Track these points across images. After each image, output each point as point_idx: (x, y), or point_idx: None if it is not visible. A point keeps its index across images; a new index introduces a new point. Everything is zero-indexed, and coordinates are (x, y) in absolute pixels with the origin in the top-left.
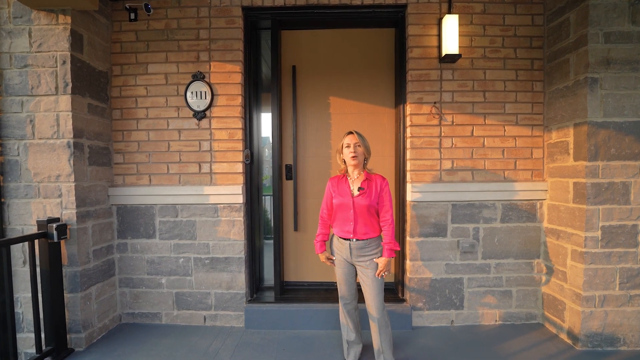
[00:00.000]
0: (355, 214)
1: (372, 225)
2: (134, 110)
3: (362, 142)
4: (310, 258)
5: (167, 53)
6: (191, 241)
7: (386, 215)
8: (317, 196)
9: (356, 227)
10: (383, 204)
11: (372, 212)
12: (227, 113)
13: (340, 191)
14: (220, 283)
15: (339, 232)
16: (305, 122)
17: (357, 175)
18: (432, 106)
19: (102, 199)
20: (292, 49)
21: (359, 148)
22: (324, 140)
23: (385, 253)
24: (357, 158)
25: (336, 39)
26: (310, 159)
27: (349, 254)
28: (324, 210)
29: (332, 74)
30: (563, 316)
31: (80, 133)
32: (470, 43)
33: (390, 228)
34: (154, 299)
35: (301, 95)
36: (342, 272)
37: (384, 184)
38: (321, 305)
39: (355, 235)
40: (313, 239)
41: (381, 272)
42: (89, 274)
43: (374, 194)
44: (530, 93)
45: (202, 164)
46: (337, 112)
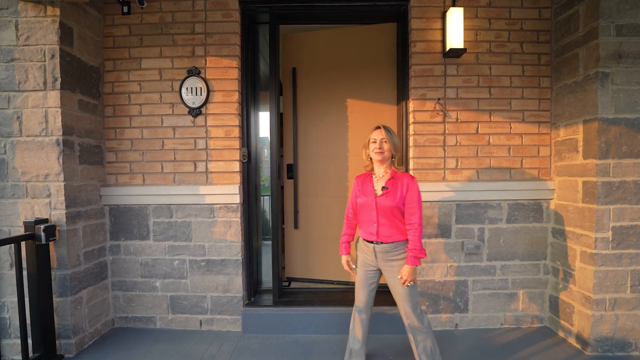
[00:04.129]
0: (378, 215)
1: (398, 228)
2: (127, 107)
3: (389, 137)
4: (311, 254)
5: (161, 48)
6: (186, 243)
7: (412, 218)
8: (317, 195)
9: (379, 229)
10: (409, 205)
11: (397, 214)
12: (223, 110)
13: (364, 190)
14: (217, 286)
15: (363, 233)
16: (305, 123)
17: (383, 174)
18: (436, 102)
19: (93, 199)
20: (293, 51)
21: (386, 144)
22: (323, 141)
23: (409, 260)
24: (382, 154)
25: (336, 39)
26: (311, 158)
27: (374, 258)
28: (349, 210)
29: (332, 74)
30: (572, 320)
31: (70, 130)
32: (475, 37)
33: (417, 233)
34: (148, 303)
35: (301, 96)
36: (363, 276)
37: (411, 183)
38: (321, 309)
39: (379, 238)
40: (312, 236)
41: (406, 282)
42: (79, 277)
43: (399, 195)
44: (537, 89)
45: (198, 162)
46: (337, 112)
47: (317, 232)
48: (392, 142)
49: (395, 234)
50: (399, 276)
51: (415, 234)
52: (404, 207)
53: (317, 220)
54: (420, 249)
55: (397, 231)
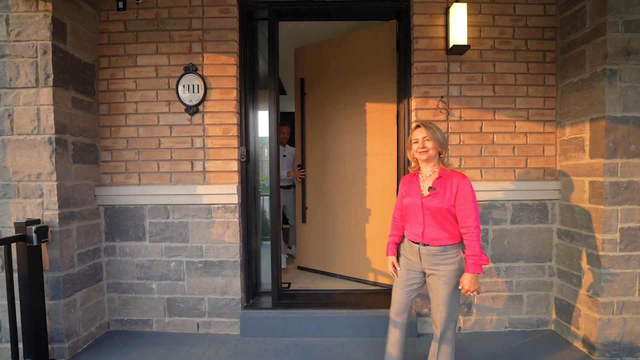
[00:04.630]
0: (425, 216)
1: (448, 231)
2: (122, 105)
3: (431, 135)
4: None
5: (157, 44)
6: (183, 244)
7: (466, 221)
8: (322, 193)
9: (425, 230)
10: (461, 206)
11: (446, 216)
12: (221, 108)
13: (410, 191)
14: (214, 288)
15: (409, 234)
16: (312, 127)
17: (430, 173)
18: (439, 100)
19: (88, 199)
20: (302, 64)
21: (429, 142)
22: (328, 142)
23: (469, 268)
24: (426, 153)
25: (339, 46)
26: (317, 159)
27: (418, 260)
28: (396, 211)
29: (336, 80)
30: (578, 323)
31: (63, 128)
32: (479, 34)
33: (474, 236)
34: (144, 305)
35: (309, 102)
36: (405, 276)
37: (462, 183)
38: (321, 312)
39: (425, 240)
40: (318, 230)
41: (468, 292)
42: (73, 279)
43: (449, 195)
44: (542, 87)
45: (195, 161)
46: (341, 115)
47: (322, 226)
48: (435, 139)
49: (444, 237)
50: (442, 281)
51: (472, 238)
52: (454, 209)
53: (322, 216)
54: (480, 255)
55: (446, 234)
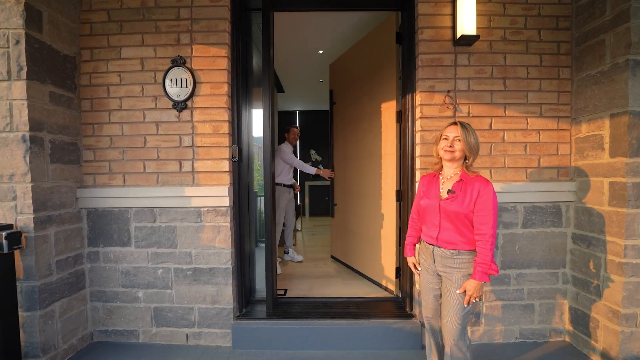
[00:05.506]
0: (441, 219)
1: (464, 236)
2: (105, 101)
3: (464, 136)
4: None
5: (143, 35)
6: (171, 249)
7: (481, 228)
8: (342, 192)
9: (441, 233)
10: (479, 213)
11: (463, 221)
12: (211, 103)
13: (429, 192)
14: (205, 297)
15: (424, 235)
16: (337, 130)
17: (452, 175)
18: (446, 95)
19: (68, 202)
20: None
21: (459, 143)
22: (347, 145)
23: (476, 275)
24: (452, 153)
25: (356, 53)
26: (341, 160)
27: (432, 261)
28: (413, 211)
29: (356, 86)
30: (596, 335)
31: (39, 125)
32: (489, 23)
33: (487, 245)
34: (129, 315)
35: (336, 110)
36: (425, 280)
37: (484, 189)
38: (319, 322)
39: (439, 243)
40: (341, 225)
41: (470, 298)
42: (50, 289)
43: (468, 200)
44: (556, 81)
45: (183, 161)
46: (362, 118)
47: (344, 222)
48: (466, 142)
49: (459, 242)
50: (458, 290)
51: (485, 246)
52: (472, 214)
53: (344, 213)
54: (489, 264)
55: (462, 239)
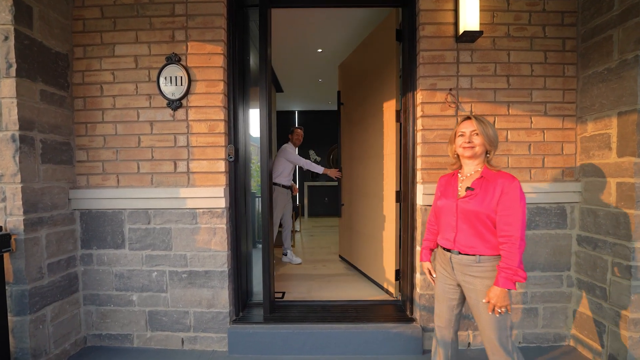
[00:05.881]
0: (459, 220)
1: (484, 239)
2: (99, 99)
3: (482, 129)
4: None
5: (137, 32)
6: (166, 252)
7: (506, 229)
8: (348, 192)
9: (458, 235)
10: (503, 212)
11: (484, 222)
12: (207, 102)
13: (446, 191)
14: (200, 300)
15: (441, 239)
16: (343, 130)
17: (472, 172)
18: (448, 93)
19: (60, 203)
20: (340, 77)
21: (477, 137)
22: (352, 145)
23: (500, 281)
24: (472, 149)
25: (360, 53)
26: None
27: (450, 269)
28: (431, 214)
29: (363, 85)
30: (602, 340)
31: (29, 125)
32: (492, 19)
33: (513, 247)
34: (124, 319)
35: (343, 111)
36: (441, 288)
37: (509, 186)
38: (317, 327)
39: (456, 247)
40: (347, 225)
41: (493, 307)
42: (42, 292)
43: (490, 198)
44: (561, 78)
45: (178, 161)
46: (368, 118)
47: (349, 222)
48: (485, 135)
49: (480, 246)
50: (484, 299)
51: (510, 249)
52: (494, 214)
53: (350, 213)
54: (515, 269)
55: (482, 242)
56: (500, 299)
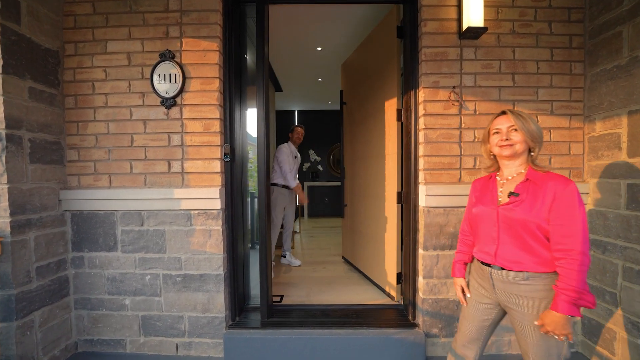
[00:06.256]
0: (500, 230)
1: (534, 253)
2: (90, 97)
3: (521, 124)
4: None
5: (130, 28)
6: (159, 255)
7: (564, 242)
8: (351, 192)
9: (500, 249)
10: (558, 222)
11: (532, 233)
12: (202, 100)
13: (483, 197)
14: (195, 305)
15: (478, 252)
16: (345, 130)
17: (514, 174)
18: (451, 91)
19: (50, 204)
20: (343, 77)
21: (516, 134)
22: (355, 145)
23: (559, 305)
24: (511, 147)
25: (362, 52)
26: (349, 160)
27: (490, 287)
28: (464, 222)
29: (365, 84)
30: (612, 347)
31: (17, 123)
32: (497, 15)
33: (574, 264)
34: (116, 323)
35: (346, 110)
36: (474, 307)
37: (563, 190)
38: (316, 332)
39: (498, 262)
40: (349, 226)
41: (549, 334)
42: (29, 297)
43: (540, 204)
44: (568, 76)
45: (172, 161)
46: (369, 117)
47: (352, 223)
48: (526, 130)
49: (528, 261)
50: (537, 322)
51: (571, 266)
52: (547, 225)
53: (352, 213)
54: (579, 291)
55: (531, 257)
56: (560, 327)
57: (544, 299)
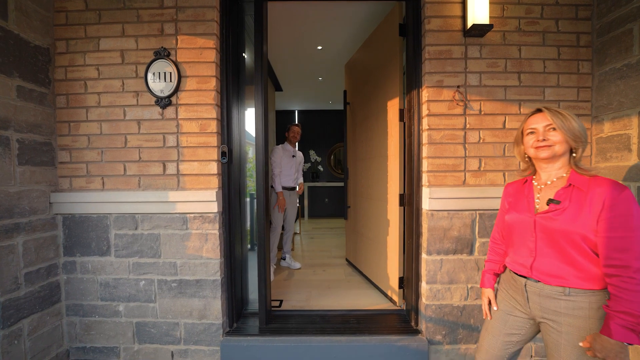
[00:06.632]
0: (538, 240)
1: (578, 267)
2: (82, 97)
3: (560, 122)
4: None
5: (123, 25)
6: (154, 259)
7: (617, 257)
8: (353, 194)
9: (537, 262)
10: (610, 234)
11: (578, 245)
12: (198, 99)
13: (517, 203)
14: (191, 311)
15: (512, 262)
16: (350, 132)
17: (554, 179)
18: (455, 91)
19: (40, 208)
20: (347, 77)
21: (555, 133)
22: (357, 145)
23: (612, 330)
24: (549, 148)
25: (365, 51)
26: (352, 161)
27: (524, 300)
28: (495, 230)
29: (368, 82)
30: None
31: (4, 123)
32: (502, 13)
33: (630, 283)
34: (109, 331)
35: (349, 110)
36: (501, 319)
37: (617, 198)
38: (316, 339)
39: (535, 274)
40: (352, 227)
41: None
42: (17, 304)
43: (586, 213)
44: (575, 75)
45: (167, 163)
46: (371, 117)
47: (354, 225)
48: (566, 129)
49: (570, 276)
50: (582, 343)
51: (628, 285)
52: (594, 236)
53: (355, 215)
54: (638, 315)
55: (574, 271)
56: (612, 354)
57: (588, 318)
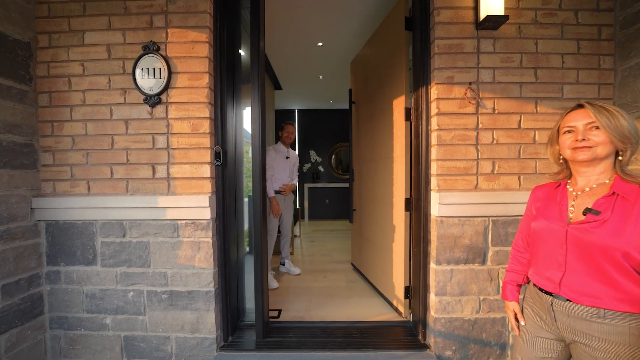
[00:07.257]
0: (569, 254)
1: (616, 287)
2: (66, 95)
3: (606, 120)
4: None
5: (110, 17)
6: (143, 269)
7: None
8: (359, 196)
9: (566, 277)
10: None
11: (618, 262)
12: (189, 97)
13: (547, 210)
14: (183, 325)
15: (536, 275)
16: (355, 132)
17: (593, 184)
18: (467, 88)
19: (20, 214)
20: (352, 75)
21: (598, 133)
22: (362, 146)
23: None
24: (590, 150)
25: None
26: (356, 162)
27: (550, 319)
28: (519, 236)
29: (373, 83)
30: None
31: None
32: (517, 4)
33: None
34: (96, 345)
35: (354, 110)
36: (529, 341)
37: None
38: (317, 355)
39: (563, 292)
40: (357, 231)
41: None
42: None
43: (632, 227)
44: (596, 71)
45: (157, 166)
46: (376, 117)
47: (360, 228)
48: (612, 128)
49: (606, 296)
50: None
51: None
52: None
53: (360, 218)
54: None
55: (611, 291)
56: None
57: (628, 345)
